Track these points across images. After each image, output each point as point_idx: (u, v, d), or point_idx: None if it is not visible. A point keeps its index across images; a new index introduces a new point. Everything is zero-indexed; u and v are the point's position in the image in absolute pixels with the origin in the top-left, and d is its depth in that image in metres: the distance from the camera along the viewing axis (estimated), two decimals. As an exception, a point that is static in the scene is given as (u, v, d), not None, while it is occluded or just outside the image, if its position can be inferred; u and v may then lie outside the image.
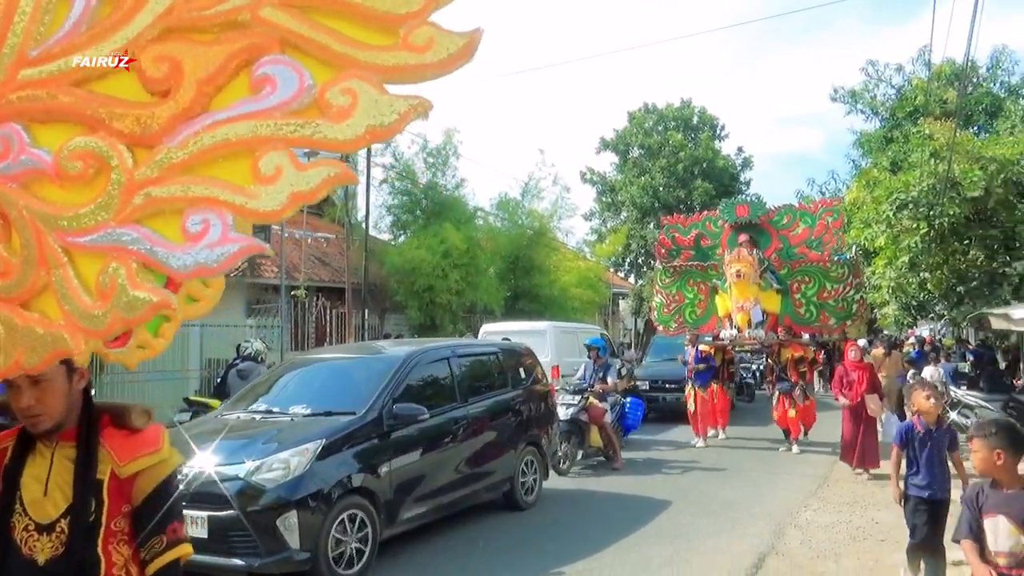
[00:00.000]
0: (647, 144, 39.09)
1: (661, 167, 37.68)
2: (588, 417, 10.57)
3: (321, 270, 20.76)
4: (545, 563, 6.42)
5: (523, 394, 8.57)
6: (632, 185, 38.23)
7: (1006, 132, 15.73)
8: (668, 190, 37.57)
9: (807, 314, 12.52)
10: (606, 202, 40.34)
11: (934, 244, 13.77)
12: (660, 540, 7.12)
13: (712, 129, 40.58)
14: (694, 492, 9.27)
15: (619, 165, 40.47)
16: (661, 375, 16.24)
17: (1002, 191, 13.15)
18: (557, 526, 7.70)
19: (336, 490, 5.84)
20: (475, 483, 7.49)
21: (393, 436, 6.48)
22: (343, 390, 7.06)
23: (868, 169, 18.94)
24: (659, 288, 13.84)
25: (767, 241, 12.96)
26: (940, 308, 18.01)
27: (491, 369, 8.39)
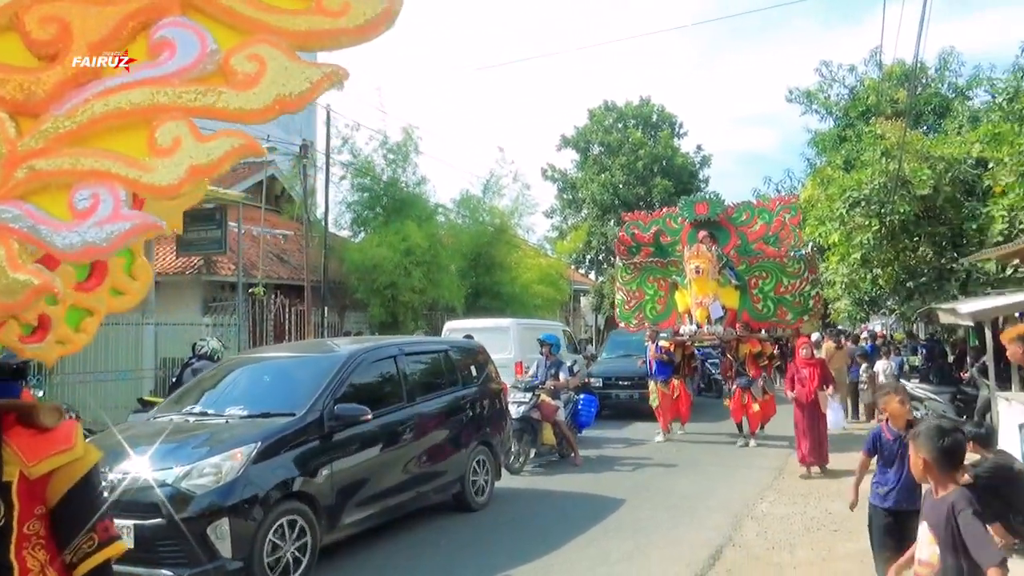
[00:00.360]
0: (607, 142, 39.24)
1: (621, 164, 37.84)
2: (540, 415, 10.43)
3: (280, 267, 20.40)
4: (499, 562, 6.33)
5: (474, 393, 8.37)
6: (592, 182, 38.33)
7: (953, 132, 16.02)
8: (628, 187, 37.75)
9: (765, 309, 12.63)
10: (567, 199, 40.39)
11: (885, 241, 13.98)
12: (619, 534, 7.08)
13: (671, 127, 40.86)
14: (652, 486, 9.26)
15: (580, 162, 40.55)
16: (616, 372, 16.14)
17: (950, 189, 13.40)
18: (511, 525, 7.59)
19: (272, 495, 5.60)
20: (423, 484, 7.29)
21: (335, 438, 6.24)
22: (282, 391, 6.79)
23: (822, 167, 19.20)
24: (620, 285, 13.87)
25: (726, 238, 13.07)
26: (891, 303, 18.33)
27: (441, 368, 8.17)
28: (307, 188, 20.13)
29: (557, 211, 40.78)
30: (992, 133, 12.89)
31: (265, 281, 18.30)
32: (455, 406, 7.97)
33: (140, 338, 14.56)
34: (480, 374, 8.70)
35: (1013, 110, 13.50)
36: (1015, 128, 12.42)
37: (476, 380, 8.55)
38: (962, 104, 19.11)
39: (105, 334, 13.81)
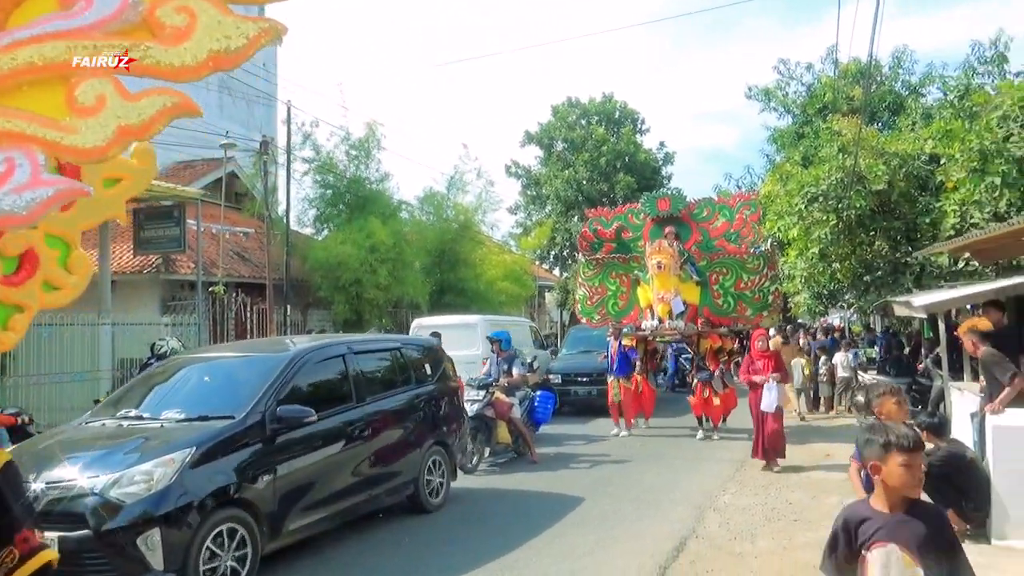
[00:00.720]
0: (571, 138, 39.40)
1: (584, 161, 38.02)
2: (494, 413, 10.26)
3: (240, 266, 20.13)
4: (463, 560, 6.32)
5: (429, 391, 8.13)
6: (556, 179, 38.46)
7: (907, 129, 16.39)
8: (591, 183, 37.95)
9: (725, 305, 12.79)
10: (531, 195, 40.47)
11: (843, 235, 14.26)
12: (583, 528, 7.14)
13: (634, 124, 41.16)
14: (616, 480, 9.35)
15: (543, 159, 40.65)
16: (575, 368, 15.96)
17: (904, 185, 13.72)
18: (472, 524, 7.50)
19: (209, 503, 5.33)
20: (374, 487, 7.05)
21: (278, 441, 5.98)
22: (223, 392, 6.48)
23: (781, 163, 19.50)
24: (582, 280, 13.93)
25: (687, 234, 13.21)
26: (849, 296, 18.72)
27: (393, 366, 7.90)
28: (268, 185, 19.90)
29: (521, 207, 40.87)
30: (944, 130, 13.22)
31: (226, 279, 18.04)
32: (408, 405, 7.74)
33: (97, 338, 14.27)
34: (436, 372, 8.44)
35: (964, 107, 13.87)
36: (965, 125, 12.75)
37: (431, 378, 8.31)
38: (915, 101, 19.59)
39: (60, 335, 13.52)
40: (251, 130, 22.62)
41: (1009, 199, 11.46)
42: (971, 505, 6.31)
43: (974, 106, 13.39)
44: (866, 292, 14.99)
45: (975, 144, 11.95)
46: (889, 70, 21.87)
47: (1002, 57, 15.78)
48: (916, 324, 17.78)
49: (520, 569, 6.03)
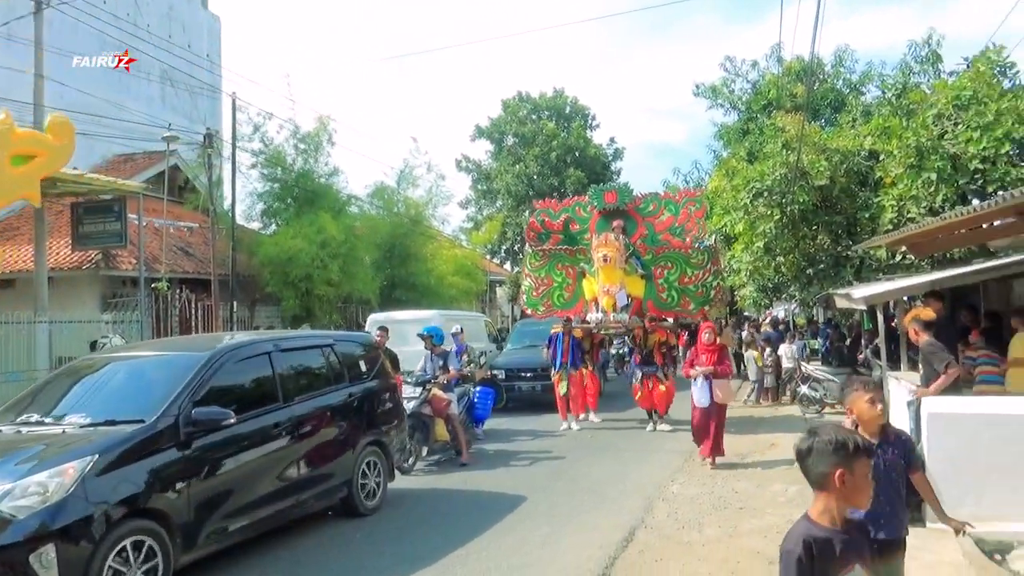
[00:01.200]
0: (521, 132, 39.48)
1: (535, 155, 38.15)
2: (432, 410, 9.95)
3: (185, 261, 19.68)
4: (417, 551, 6.31)
5: (364, 389, 7.75)
6: (507, 173, 38.51)
7: (848, 125, 16.79)
8: (542, 178, 38.10)
9: (669, 299, 12.95)
10: (482, 190, 40.46)
11: (786, 229, 14.55)
12: (534, 521, 7.17)
13: (584, 119, 41.43)
14: (566, 474, 9.41)
15: (494, 153, 40.66)
16: (520, 363, 15.63)
17: (845, 180, 14.06)
18: (414, 524, 7.31)
19: (113, 514, 4.93)
20: (303, 491, 6.68)
21: (194, 446, 5.60)
22: (133, 394, 6.03)
23: (727, 159, 19.82)
24: (528, 272, 13.92)
25: (633, 227, 13.35)
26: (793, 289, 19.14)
27: (325, 364, 7.47)
28: (213, 178, 19.48)
29: (472, 202, 40.84)
30: (882, 127, 13.61)
31: (169, 275, 17.63)
32: (341, 405, 7.35)
33: (33, 337, 13.82)
34: (371, 369, 8.06)
35: (901, 105, 14.29)
36: (903, 122, 13.15)
37: (366, 375, 7.92)
38: (855, 99, 20.09)
39: (-6, 333, 13.07)
40: (195, 122, 22.11)
41: (944, 194, 11.85)
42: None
43: (911, 104, 13.82)
44: (809, 285, 15.32)
45: (912, 141, 12.33)
46: (831, 68, 22.42)
47: (936, 56, 16.30)
48: (857, 316, 18.33)
49: (471, 564, 6.03)
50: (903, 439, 3.81)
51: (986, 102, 11.92)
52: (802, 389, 13.78)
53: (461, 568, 5.94)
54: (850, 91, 21.75)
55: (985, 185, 11.50)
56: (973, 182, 11.69)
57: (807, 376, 13.87)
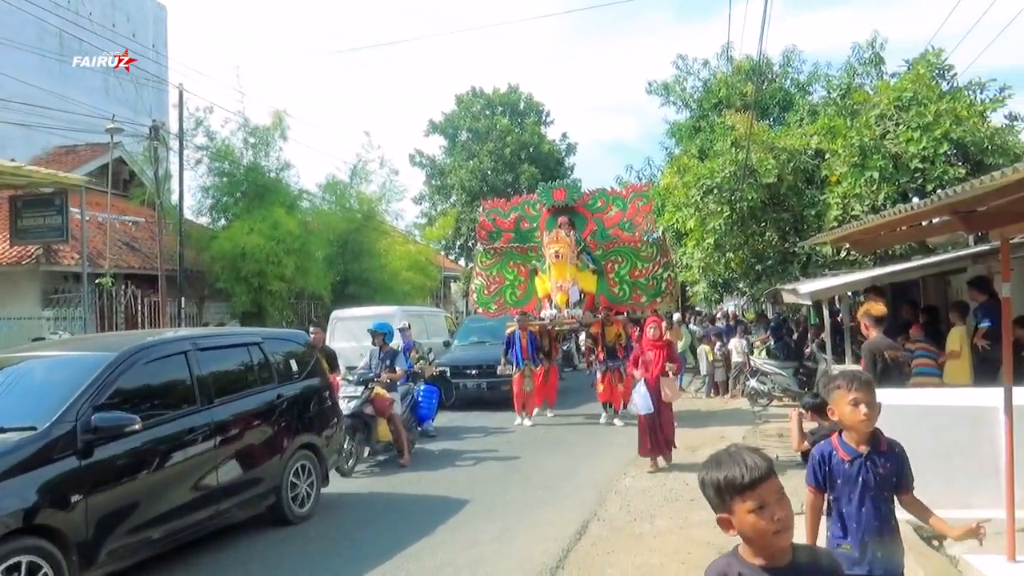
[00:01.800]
0: (475, 128, 39.44)
1: (489, 151, 38.15)
2: (374, 409, 9.62)
3: (130, 256, 19.21)
4: (370, 550, 6.30)
5: (295, 390, 7.37)
6: (461, 168, 38.44)
7: (795, 125, 17.12)
8: (496, 174, 38.13)
9: (621, 293, 13.15)
10: (435, 185, 40.30)
11: (736, 226, 14.79)
12: (488, 516, 7.22)
13: (538, 115, 41.54)
14: (520, 469, 9.48)
15: (448, 148, 40.53)
16: (466, 360, 15.33)
17: (792, 178, 14.35)
18: (360, 525, 7.11)
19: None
20: (223, 500, 6.25)
21: (95, 455, 5.14)
22: (26, 399, 5.52)
23: (679, 156, 20.06)
24: (479, 270, 13.99)
25: (583, 223, 13.52)
26: (743, 285, 19.50)
27: (250, 363, 7.02)
28: (159, 172, 19.04)
29: (426, 197, 40.64)
30: (828, 127, 13.93)
31: (114, 271, 17.20)
32: (268, 407, 6.96)
33: (-31, 335, 13.35)
34: (304, 368, 7.69)
35: (845, 105, 14.63)
36: (847, 122, 13.47)
37: (297, 375, 7.55)
38: (802, 99, 20.50)
39: (-74, 331, 12.59)
40: (140, 114, 21.55)
41: (886, 193, 12.19)
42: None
43: (855, 104, 14.16)
44: (758, 280, 15.63)
45: (855, 140, 12.65)
46: (779, 68, 22.85)
47: (879, 58, 16.72)
48: (804, 311, 18.78)
49: (424, 560, 6.04)
50: (896, 451, 3.09)
51: (925, 103, 12.30)
52: (751, 383, 14.08)
53: (414, 564, 5.94)
54: (797, 91, 22.18)
55: (924, 184, 11.87)
56: (913, 181, 12.05)
57: (755, 370, 14.17)
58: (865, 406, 2.96)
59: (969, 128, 11.86)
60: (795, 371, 13.87)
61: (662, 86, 24.85)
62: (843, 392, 2.98)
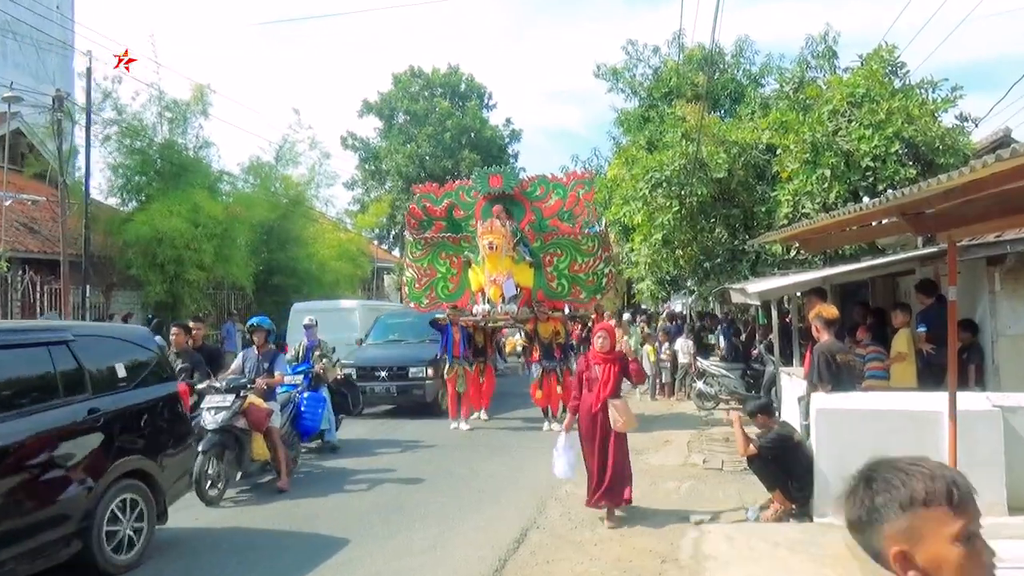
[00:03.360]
0: (413, 110, 39.19)
1: (427, 135, 37.96)
2: (248, 422, 8.45)
3: (28, 239, 18.51)
4: (296, 560, 6.24)
5: (118, 402, 6.14)
6: (397, 153, 38.16)
7: (747, 118, 17.51)
8: (435, 159, 37.98)
9: (559, 288, 13.20)
10: (369, 170, 39.95)
11: (685, 222, 15.05)
12: (423, 523, 7.22)
13: (480, 98, 41.53)
14: (456, 473, 9.49)
15: (383, 131, 40.19)
16: (374, 361, 14.34)
17: (743, 173, 14.68)
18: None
19: None
20: None
21: None
22: None
23: (627, 147, 20.31)
24: (410, 262, 13.87)
25: (521, 213, 13.51)
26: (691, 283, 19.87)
27: (51, 369, 5.72)
28: (63, 146, 18.35)
29: (359, 182, 40.26)
30: (780, 121, 14.29)
31: (10, 254, 16.55)
32: (73, 425, 5.67)
33: None
34: (137, 375, 6.49)
35: (798, 99, 15.04)
36: (799, 117, 13.85)
37: (125, 384, 6.33)
38: (754, 91, 20.99)
39: None
40: (42, 82, 20.74)
41: (838, 191, 12.60)
42: (796, 485, 6.98)
43: (807, 99, 14.57)
44: (706, 278, 15.93)
45: (808, 136, 13.02)
46: (731, 58, 23.33)
47: (832, 52, 17.25)
48: (752, 311, 19.25)
49: (354, 569, 6.01)
50: None
51: (878, 100, 12.73)
52: (697, 385, 14.38)
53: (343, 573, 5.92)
54: (749, 83, 22.69)
55: (876, 183, 12.30)
56: (865, 179, 12.47)
57: (703, 371, 14.48)
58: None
59: (921, 127, 12.33)
60: (743, 373, 14.23)
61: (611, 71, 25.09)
62: (943, 515, 1.36)
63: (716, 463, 9.57)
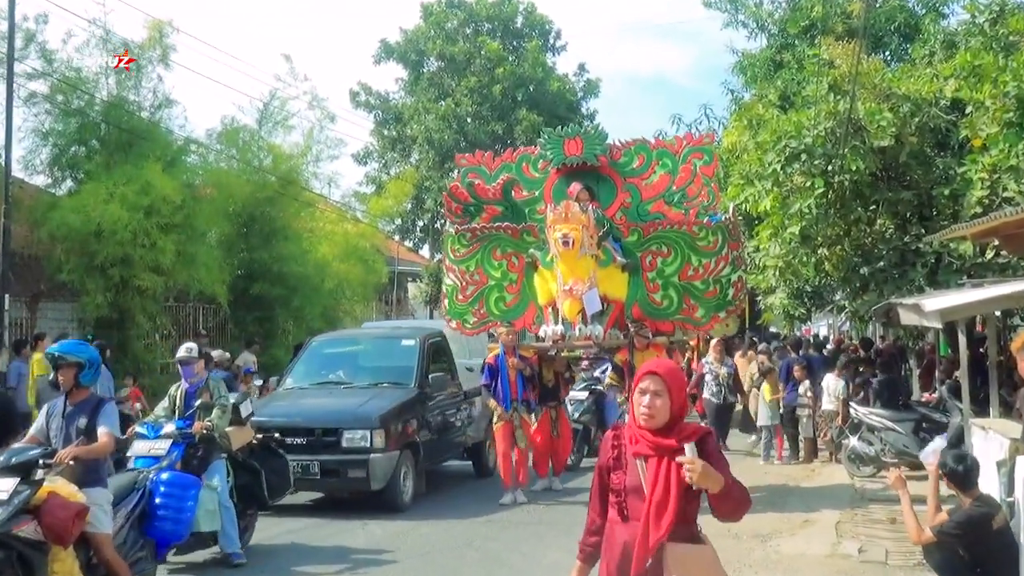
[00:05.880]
0: (450, 54, 39.39)
1: (470, 88, 38.12)
2: (41, 528, 6.84)
3: (-71, 231, 19.10)
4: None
5: None
6: (428, 113, 38.41)
7: (923, 62, 17.23)
8: (480, 122, 38.10)
9: (666, 302, 12.86)
10: (389, 137, 40.29)
11: (833, 210, 14.83)
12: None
13: (544, 37, 41.61)
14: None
15: (408, 83, 40.50)
16: (284, 417, 12.40)
17: (916, 141, 14.43)
18: None
19: None
20: None
21: None
22: None
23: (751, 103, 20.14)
24: (451, 263, 13.55)
25: (610, 193, 13.19)
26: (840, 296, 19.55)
27: None
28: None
29: (374, 154, 40.61)
30: (970, 66, 13.99)
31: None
32: None
33: None
34: None
35: (997, 35, 14.69)
36: (999, 60, 13.54)
37: None
38: (935, 24, 20.65)
39: None
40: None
41: (1055, 166, 12.35)
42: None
43: (1011, 34, 14.27)
44: (863, 290, 15.67)
45: (1012, 88, 12.75)
46: (902, -23, 23.03)
47: (1050, -37, 16.87)
48: (930, 337, 18.87)
49: None
50: None
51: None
52: (851, 442, 14.12)
53: None
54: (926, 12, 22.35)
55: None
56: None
57: (858, 423, 14.22)
58: None
59: None
60: (916, 426, 13.93)
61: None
62: None
63: (878, 554, 9.39)
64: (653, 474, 4.48)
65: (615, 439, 4.72)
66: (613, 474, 4.65)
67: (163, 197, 19.18)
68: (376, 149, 40.61)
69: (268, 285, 23.12)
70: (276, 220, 23.95)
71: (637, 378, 4.69)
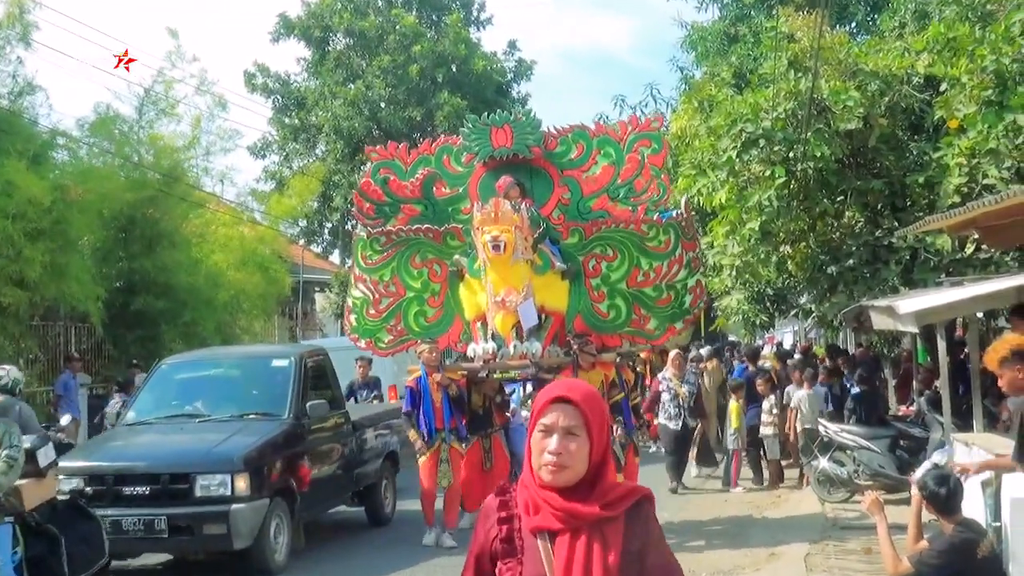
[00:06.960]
0: (359, 29, 39.24)
1: (383, 68, 38.00)
2: None
3: None
4: None
5: None
6: (335, 97, 38.21)
7: (892, 34, 17.50)
8: (395, 107, 38.01)
9: (612, 312, 12.82)
10: (291, 125, 40.00)
11: (796, 201, 14.98)
12: None
13: (466, 9, 41.63)
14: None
15: (312, 63, 40.28)
16: (133, 460, 11.67)
17: (887, 123, 14.61)
18: None
19: None
20: None
21: None
22: None
23: (702, 83, 20.34)
24: (361, 272, 13.33)
25: (546, 189, 13.08)
26: (806, 300, 19.76)
27: None
28: None
29: (274, 145, 40.30)
30: (945, 38, 14.24)
31: None
32: None
33: None
34: None
35: (973, 4, 14.98)
36: (976, 32, 13.80)
37: None
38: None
39: None
40: None
41: (1039, 148, 12.61)
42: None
43: (988, 3, 14.56)
44: (831, 291, 15.84)
45: (990, 62, 12.99)
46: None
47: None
48: (907, 343, 19.16)
49: None
50: None
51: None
52: (820, 463, 14.26)
53: None
54: (897, -21, 22.74)
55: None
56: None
57: (829, 442, 14.37)
58: None
59: None
60: (892, 443, 14.13)
61: (675, -36, 25.18)
62: None
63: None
64: (564, 560, 3.39)
65: (502, 508, 3.56)
66: (502, 564, 3.49)
67: (28, 199, 18.90)
68: (276, 140, 40.27)
69: (152, 299, 22.80)
70: (160, 223, 23.65)
71: (537, 409, 3.58)
